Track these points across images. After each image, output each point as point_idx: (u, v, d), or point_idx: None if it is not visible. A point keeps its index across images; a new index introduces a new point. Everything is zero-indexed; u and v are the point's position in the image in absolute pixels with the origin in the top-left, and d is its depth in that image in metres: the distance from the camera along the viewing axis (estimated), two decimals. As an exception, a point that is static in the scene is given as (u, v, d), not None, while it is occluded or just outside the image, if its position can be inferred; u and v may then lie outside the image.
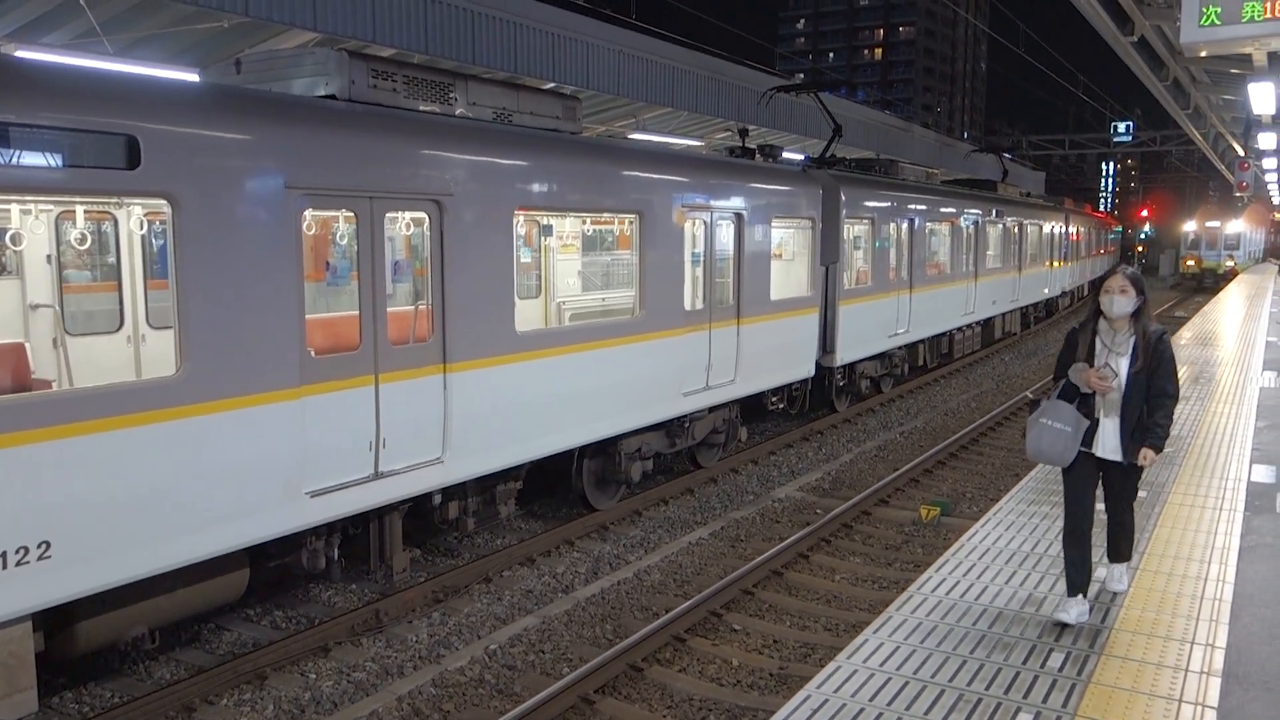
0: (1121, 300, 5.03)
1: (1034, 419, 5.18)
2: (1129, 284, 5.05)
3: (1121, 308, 5.04)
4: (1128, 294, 5.03)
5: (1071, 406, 5.11)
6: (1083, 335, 5.21)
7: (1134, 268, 5.08)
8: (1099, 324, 5.17)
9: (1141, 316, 5.08)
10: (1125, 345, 5.06)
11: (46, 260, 7.36)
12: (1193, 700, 4.35)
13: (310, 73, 7.18)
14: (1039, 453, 5.17)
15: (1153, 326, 5.08)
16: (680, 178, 10.27)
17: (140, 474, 5.46)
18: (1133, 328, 5.07)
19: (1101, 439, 5.13)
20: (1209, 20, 6.92)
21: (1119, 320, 5.09)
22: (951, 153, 31.71)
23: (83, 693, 6.36)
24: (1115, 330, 5.11)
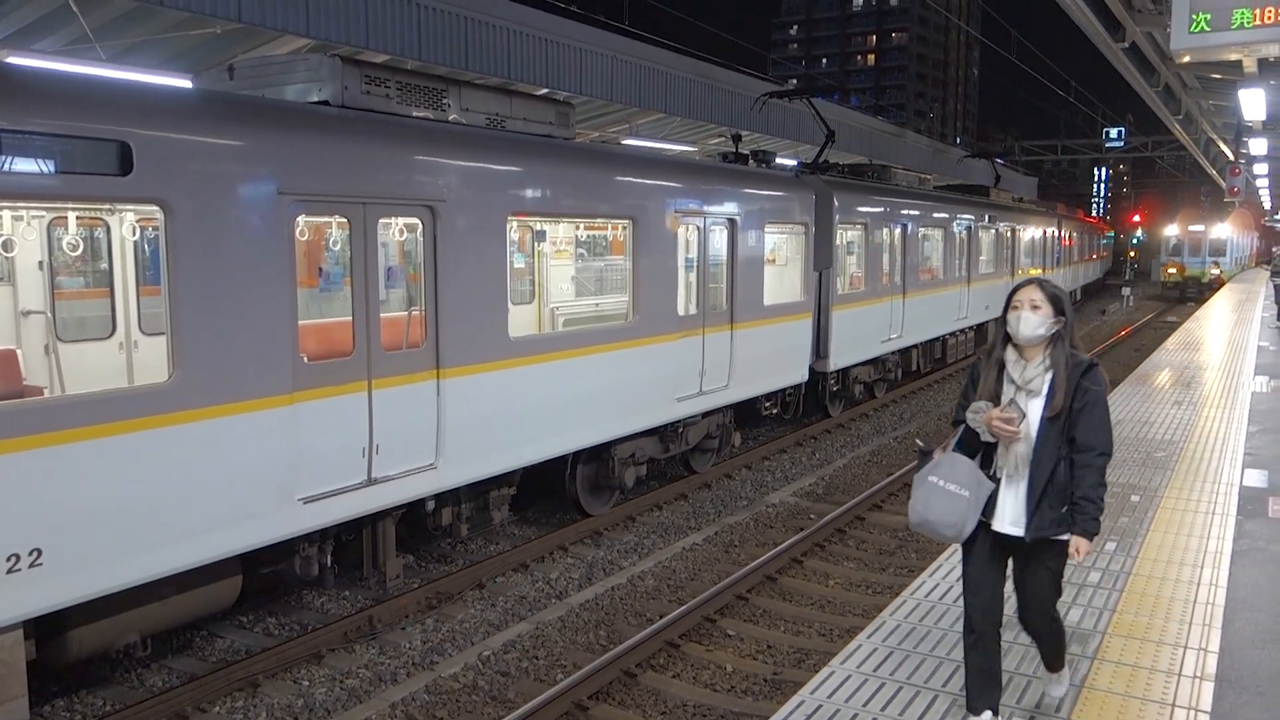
0: (1031, 319, 3.86)
1: (921, 476, 3.99)
2: (1043, 298, 3.89)
3: (1031, 328, 3.87)
4: (1040, 311, 3.87)
5: (972, 463, 3.93)
6: (986, 366, 4.06)
7: (1053, 280, 4.14)
8: (1007, 352, 4.00)
9: (1061, 343, 3.91)
10: (1039, 381, 3.89)
11: (38, 266, 7.34)
12: (1186, 705, 4.35)
13: (303, 79, 7.18)
14: (925, 523, 3.94)
15: (1078, 357, 3.92)
16: (673, 183, 10.28)
17: (133, 481, 5.45)
18: (1049, 357, 3.90)
19: (1001, 507, 3.93)
20: (1199, 27, 6.95)
21: (1030, 347, 3.93)
22: (944, 158, 31.82)
23: (75, 701, 6.33)
24: (1026, 361, 3.94)
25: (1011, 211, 25.15)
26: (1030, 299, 3.91)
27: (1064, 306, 3.93)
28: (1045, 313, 3.88)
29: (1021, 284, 3.98)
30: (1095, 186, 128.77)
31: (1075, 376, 3.84)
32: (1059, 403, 3.82)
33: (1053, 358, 3.89)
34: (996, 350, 4.06)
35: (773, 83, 20.14)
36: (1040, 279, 4.02)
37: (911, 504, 4.00)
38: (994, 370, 4.02)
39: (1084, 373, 3.85)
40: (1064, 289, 3.97)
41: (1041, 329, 3.88)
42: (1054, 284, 3.99)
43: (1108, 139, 41.98)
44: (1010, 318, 3.93)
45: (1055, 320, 3.89)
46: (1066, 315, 3.93)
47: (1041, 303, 3.89)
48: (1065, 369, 3.85)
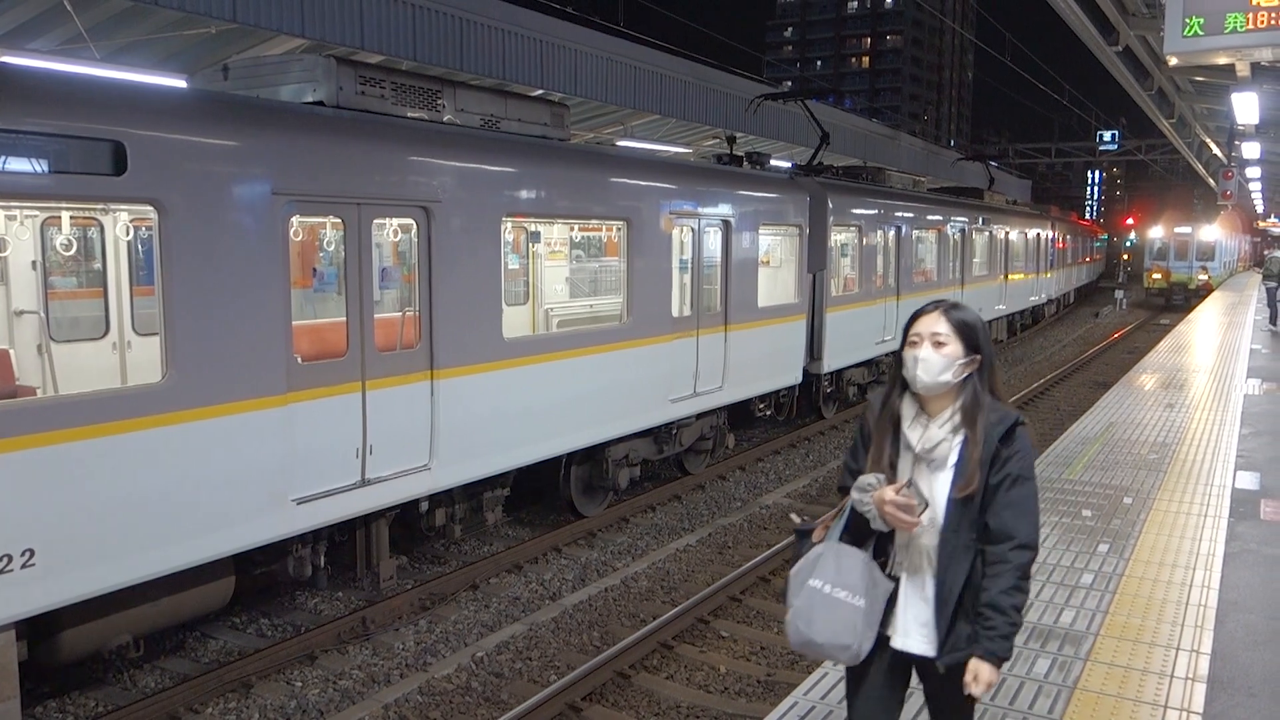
0: (934, 360, 2.86)
1: (800, 577, 2.94)
2: (950, 330, 2.88)
3: (934, 373, 2.86)
4: (946, 349, 2.86)
5: (864, 556, 2.92)
6: (879, 423, 3.02)
7: (963, 306, 3.07)
8: (904, 404, 2.99)
9: (976, 392, 2.90)
10: (946, 447, 2.88)
11: (32, 266, 7.32)
12: (1178, 706, 4.37)
13: (298, 79, 7.17)
14: (809, 645, 2.90)
15: (998, 411, 2.90)
16: (668, 185, 10.29)
17: (125, 481, 5.43)
18: (959, 413, 2.89)
19: (901, 616, 2.95)
20: (1192, 31, 6.98)
21: (935, 398, 2.92)
22: (938, 160, 31.89)
23: (66, 702, 6.31)
24: (929, 416, 2.93)
25: (1006, 214, 25.22)
26: (932, 332, 2.86)
27: (978, 339, 2.90)
28: (953, 350, 2.85)
29: (921, 310, 2.96)
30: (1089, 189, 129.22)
31: (994, 441, 2.82)
32: (973, 479, 2.80)
33: (964, 414, 2.87)
34: (891, 400, 2.99)
35: (767, 85, 20.19)
36: (947, 303, 2.97)
37: (790, 617, 2.94)
38: (888, 429, 2.97)
39: (1004, 436, 2.83)
40: (977, 314, 2.97)
41: (948, 374, 2.84)
42: (964, 309, 2.96)
43: (1101, 142, 42.15)
44: (906, 358, 2.89)
45: (967, 360, 2.87)
46: (983, 352, 2.90)
47: (948, 336, 2.86)
48: (981, 431, 2.83)
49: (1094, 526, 6.92)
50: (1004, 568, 2.78)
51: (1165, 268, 38.98)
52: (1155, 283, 39.44)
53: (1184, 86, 18.96)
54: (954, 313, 2.92)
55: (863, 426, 3.10)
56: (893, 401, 3.00)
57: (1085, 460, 8.87)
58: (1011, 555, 2.78)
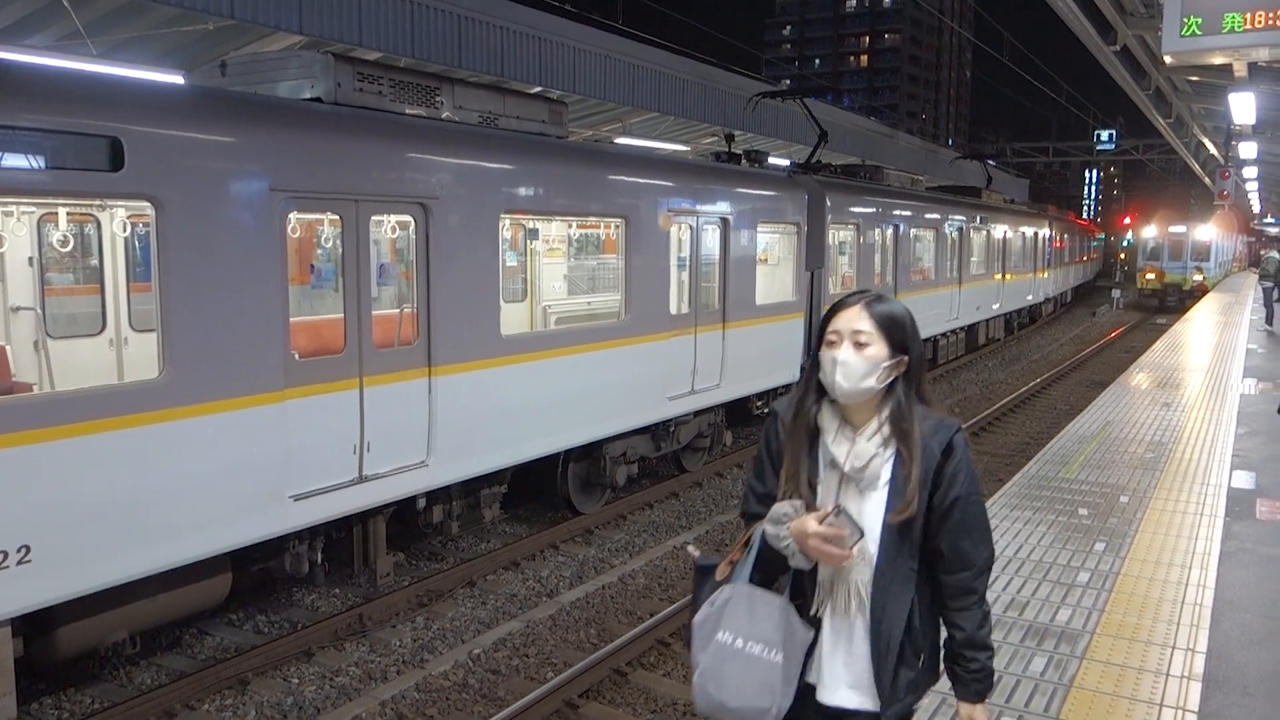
0: (855, 363, 2.43)
1: (701, 624, 2.46)
2: (873, 327, 2.46)
3: (855, 379, 2.43)
4: (869, 350, 2.44)
5: (779, 600, 2.44)
6: (791, 435, 2.55)
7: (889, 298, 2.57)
8: (822, 413, 2.53)
9: (904, 398, 2.50)
10: (878, 465, 2.46)
11: (28, 262, 7.31)
12: (1173, 705, 4.38)
13: (296, 75, 7.16)
14: (718, 707, 2.43)
15: (933, 421, 2.51)
16: (666, 182, 10.29)
17: (122, 478, 5.43)
18: (888, 424, 2.48)
19: (829, 664, 2.51)
20: (1190, 31, 6.98)
21: (857, 406, 2.50)
22: (936, 159, 31.91)
23: (62, 699, 6.31)
24: (854, 428, 2.50)
25: (1003, 213, 25.24)
26: (853, 329, 2.44)
27: (906, 337, 2.48)
28: (877, 351, 2.43)
29: (840, 303, 2.54)
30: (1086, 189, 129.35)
31: (934, 455, 2.43)
32: (913, 501, 2.40)
33: (894, 425, 2.45)
34: (807, 409, 2.53)
35: (766, 83, 20.18)
36: (870, 294, 2.53)
37: (697, 679, 2.46)
38: (803, 444, 2.51)
39: (945, 447, 2.45)
40: (905, 308, 2.56)
41: (871, 379, 2.42)
42: (890, 302, 2.53)
43: (1099, 141, 42.09)
44: (824, 360, 2.46)
45: (893, 362, 2.46)
46: (910, 352, 2.48)
47: (871, 335, 2.44)
48: (918, 444, 2.43)
49: (1090, 525, 6.93)
50: (971, 600, 2.48)
51: (1159, 268, 37.60)
52: (1148, 284, 38.03)
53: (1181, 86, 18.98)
54: (878, 306, 2.49)
55: (769, 441, 2.61)
56: (808, 411, 2.53)
57: (1082, 459, 8.88)
58: (977, 584, 2.49)
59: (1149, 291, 37.95)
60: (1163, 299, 37.02)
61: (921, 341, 2.59)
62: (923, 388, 2.56)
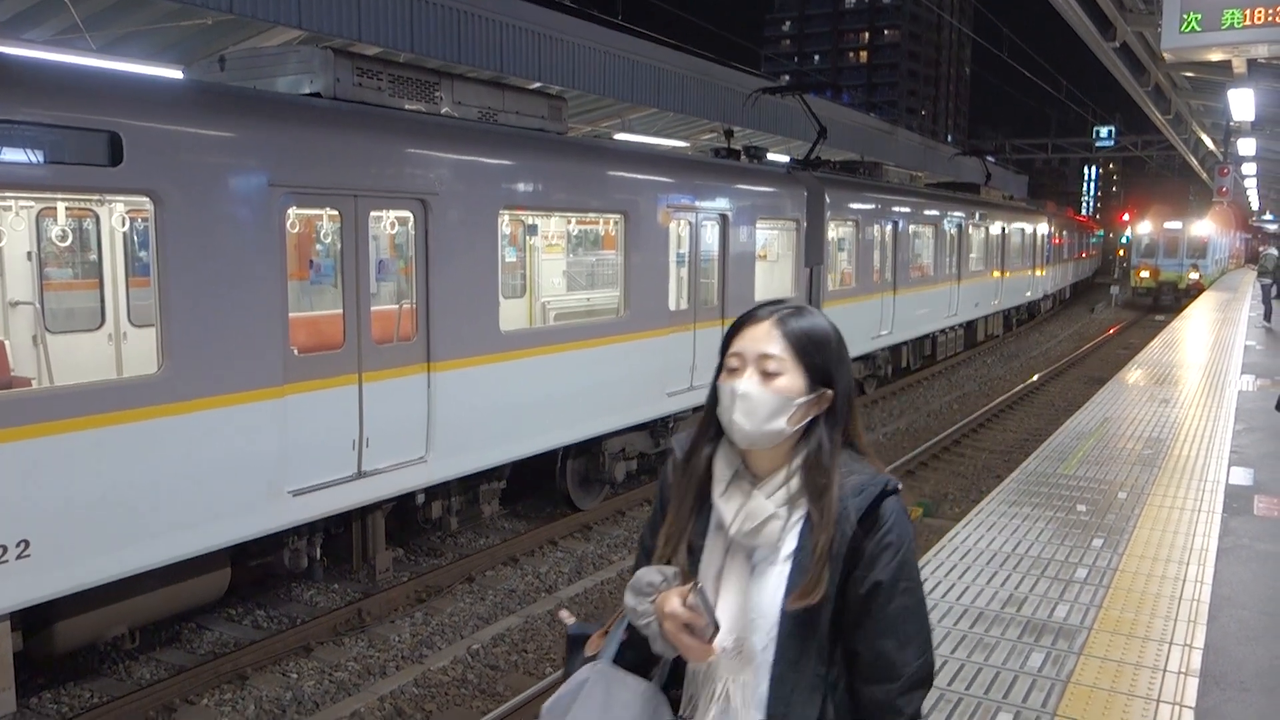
0: (761, 397, 1.86)
1: (550, 709, 1.95)
2: (787, 350, 1.90)
3: (760, 419, 1.86)
4: (778, 381, 1.87)
5: (647, 689, 1.92)
6: (681, 485, 2.00)
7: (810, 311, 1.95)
8: (717, 458, 1.97)
9: (823, 448, 1.89)
10: (777, 529, 1.87)
11: (27, 257, 7.31)
12: (1171, 700, 4.39)
13: (295, 70, 7.16)
14: None
15: (859, 477, 1.89)
16: (665, 178, 10.28)
17: (121, 473, 5.43)
18: (798, 478, 1.89)
19: None
20: (1189, 27, 6.99)
21: (761, 453, 1.92)
22: (935, 156, 31.88)
23: (61, 693, 6.32)
24: (754, 478, 1.94)
25: (1002, 209, 25.24)
26: (760, 353, 1.87)
27: (830, 364, 1.91)
28: (791, 383, 1.86)
29: (747, 318, 1.96)
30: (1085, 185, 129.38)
31: (850, 521, 1.81)
32: (818, 583, 1.79)
33: (806, 479, 1.86)
34: (699, 450, 1.97)
35: (765, 79, 20.15)
36: (786, 307, 1.94)
37: None
38: (691, 495, 1.95)
39: (867, 514, 1.82)
40: (830, 324, 1.98)
41: (781, 419, 1.84)
42: (810, 316, 1.95)
43: (1098, 138, 42.09)
44: (721, 391, 1.90)
45: (812, 398, 1.88)
46: (836, 385, 1.91)
47: (783, 361, 1.86)
48: (832, 507, 1.82)
49: (1088, 521, 6.94)
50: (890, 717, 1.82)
51: (1154, 266, 36.31)
52: (1143, 282, 36.76)
53: (1180, 83, 18.99)
54: (794, 322, 1.89)
55: (663, 487, 2.05)
56: (700, 453, 1.95)
57: (1080, 455, 8.89)
58: (903, 704, 1.81)
59: (1143, 290, 36.93)
60: (1157, 298, 36.00)
61: (852, 369, 2.01)
62: (853, 430, 1.96)
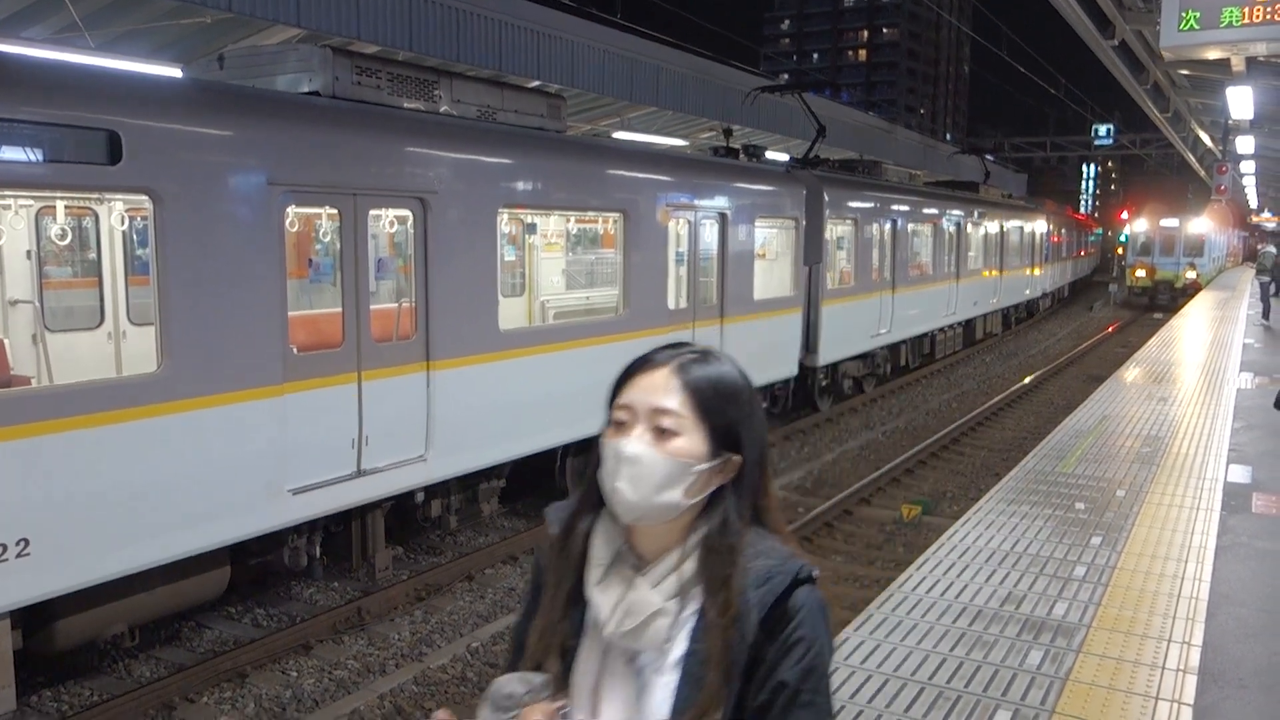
0: (652, 461, 1.47)
1: None
2: (685, 401, 1.50)
3: (649, 490, 1.47)
4: (677, 440, 1.48)
5: None
6: (556, 567, 1.62)
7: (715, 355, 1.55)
8: (595, 534, 1.58)
9: (727, 526, 1.50)
10: (663, 628, 1.48)
11: (26, 256, 7.31)
12: (1169, 698, 4.39)
13: (294, 69, 7.16)
14: None
15: (768, 561, 1.48)
16: (664, 177, 10.29)
17: (121, 471, 5.43)
18: (690, 562, 1.50)
19: None
20: (1188, 25, 6.99)
21: (651, 530, 1.53)
22: (934, 154, 31.88)
23: (61, 691, 6.32)
24: (639, 562, 1.54)
25: (1001, 208, 25.25)
26: (653, 406, 1.52)
27: (739, 423, 1.55)
28: (689, 445, 1.51)
29: (641, 362, 1.60)
30: (1084, 183, 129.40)
31: (751, 622, 1.47)
32: (715, 699, 1.45)
33: (703, 566, 1.51)
34: (578, 522, 1.62)
35: (764, 77, 20.13)
36: (686, 350, 1.59)
37: None
38: (566, 580, 1.60)
39: (771, 612, 1.47)
40: (738, 370, 1.60)
41: (676, 490, 1.50)
42: (714, 362, 1.58)
43: (1096, 136, 42.10)
44: (605, 453, 1.56)
45: (715, 464, 1.53)
46: (744, 448, 1.55)
47: (682, 418, 1.51)
48: (733, 602, 1.48)
49: (1087, 519, 6.95)
50: None
51: (1149, 264, 35.35)
52: (1139, 281, 35.76)
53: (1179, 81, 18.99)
54: (697, 370, 1.51)
55: (537, 568, 1.71)
56: (578, 528, 1.59)
57: (1079, 453, 8.90)
58: None
59: (1139, 290, 36.04)
60: (1153, 297, 35.14)
61: (765, 427, 1.59)
62: (764, 503, 1.57)
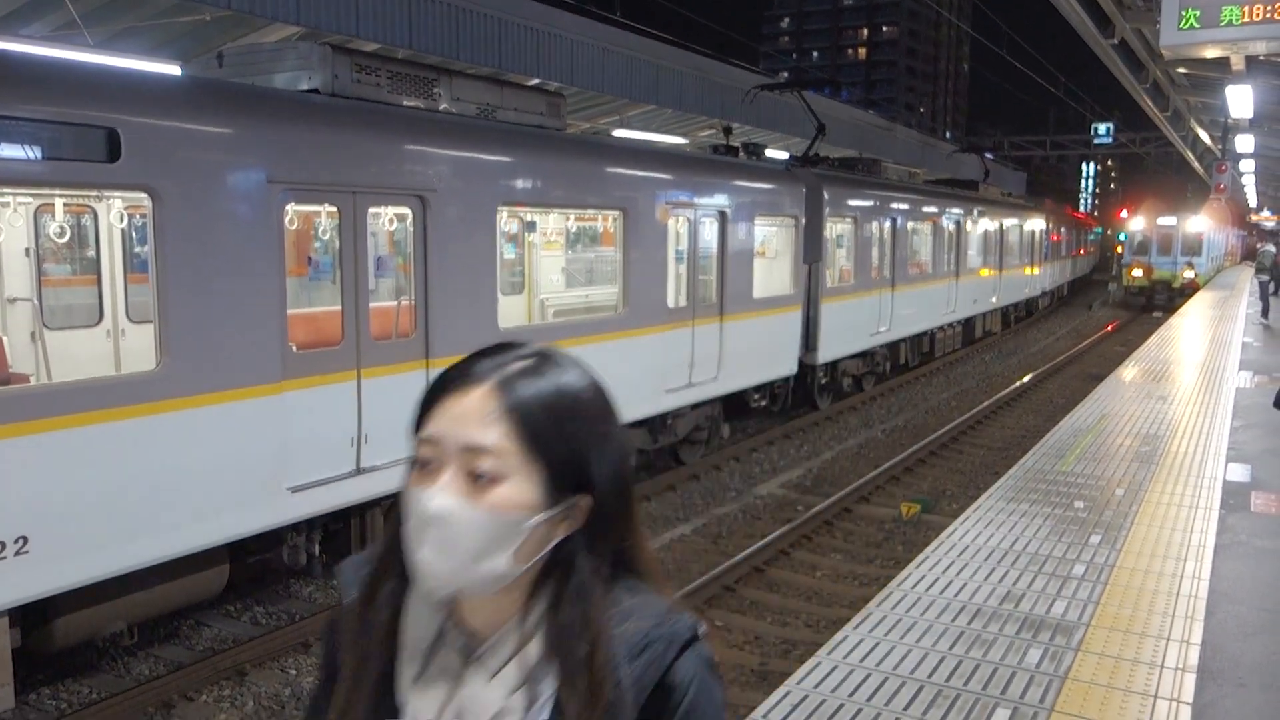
0: (467, 518, 1.07)
1: None
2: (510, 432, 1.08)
3: (461, 556, 1.07)
4: (499, 489, 1.07)
5: None
6: (352, 646, 1.24)
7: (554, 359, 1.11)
8: (407, 607, 1.21)
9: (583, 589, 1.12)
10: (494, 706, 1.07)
11: (25, 253, 7.30)
12: (1168, 696, 4.39)
13: (293, 67, 7.15)
14: None
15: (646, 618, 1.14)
16: (664, 175, 10.28)
17: (119, 469, 5.43)
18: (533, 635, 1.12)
19: None
20: (1188, 24, 6.99)
21: (474, 601, 1.14)
22: (934, 153, 31.87)
23: (60, 689, 6.32)
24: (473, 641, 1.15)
25: (1000, 206, 25.25)
26: (466, 441, 1.10)
27: (587, 449, 1.14)
28: (517, 494, 1.10)
29: (451, 375, 1.18)
30: (1083, 182, 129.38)
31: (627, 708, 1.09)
32: None
33: (553, 646, 1.11)
34: (381, 590, 1.26)
35: (764, 75, 20.14)
36: (513, 357, 1.16)
37: None
38: (370, 662, 1.22)
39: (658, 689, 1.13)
40: (585, 378, 1.17)
41: (500, 556, 1.10)
42: (552, 373, 1.15)
43: (1096, 135, 42.08)
44: (405, 510, 1.21)
45: (555, 513, 1.12)
46: (595, 484, 1.15)
47: (505, 458, 1.09)
48: (603, 683, 1.07)
49: (1086, 518, 6.95)
50: None
51: (1146, 264, 34.20)
52: (1135, 280, 34.64)
53: (1179, 80, 18.99)
54: (525, 387, 1.14)
55: (328, 647, 1.37)
56: (379, 597, 1.26)
57: (1078, 452, 8.90)
58: None
59: (1136, 289, 34.94)
60: (1150, 298, 34.14)
61: (626, 447, 1.22)
62: (630, 546, 1.25)
